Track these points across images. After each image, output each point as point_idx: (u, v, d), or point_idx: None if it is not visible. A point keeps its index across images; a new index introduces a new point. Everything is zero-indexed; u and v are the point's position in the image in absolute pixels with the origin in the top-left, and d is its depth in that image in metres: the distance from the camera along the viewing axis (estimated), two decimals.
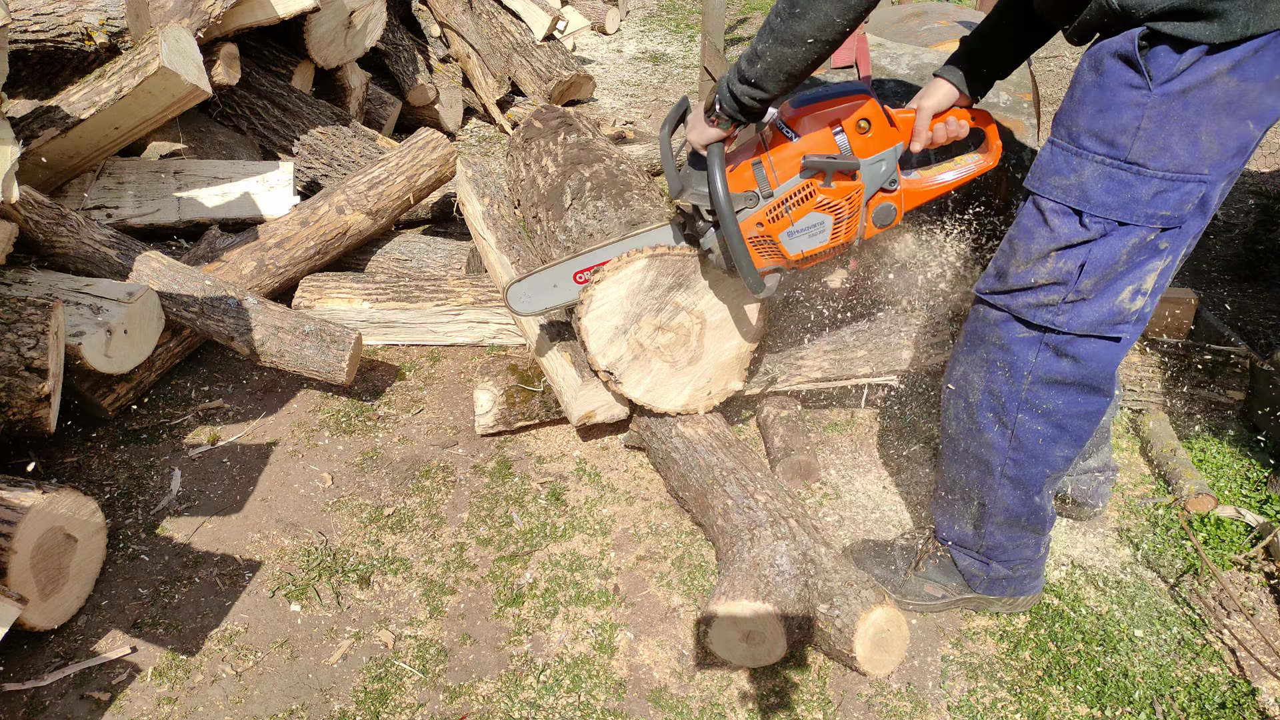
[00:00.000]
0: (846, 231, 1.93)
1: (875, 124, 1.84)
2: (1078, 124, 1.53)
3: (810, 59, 1.62)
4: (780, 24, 1.60)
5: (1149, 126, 1.45)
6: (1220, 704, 1.88)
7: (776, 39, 1.61)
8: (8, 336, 2.18)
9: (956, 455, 1.90)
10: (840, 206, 1.89)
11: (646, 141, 4.50)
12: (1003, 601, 2.05)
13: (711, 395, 2.34)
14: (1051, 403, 1.72)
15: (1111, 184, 1.50)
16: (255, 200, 3.16)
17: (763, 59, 1.65)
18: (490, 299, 2.95)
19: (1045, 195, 1.58)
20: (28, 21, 2.72)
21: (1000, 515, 1.89)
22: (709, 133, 1.82)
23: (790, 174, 1.85)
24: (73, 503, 2.01)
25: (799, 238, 1.91)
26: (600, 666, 1.98)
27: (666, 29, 6.81)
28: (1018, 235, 1.65)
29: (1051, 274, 1.60)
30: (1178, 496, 2.35)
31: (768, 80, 1.67)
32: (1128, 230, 1.53)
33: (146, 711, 1.86)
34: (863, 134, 1.84)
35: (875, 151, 1.86)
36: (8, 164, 2.15)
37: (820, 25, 1.57)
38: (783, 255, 1.94)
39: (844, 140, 1.83)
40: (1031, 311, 1.65)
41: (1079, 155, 1.53)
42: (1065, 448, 1.78)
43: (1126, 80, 1.45)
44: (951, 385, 1.86)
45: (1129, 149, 1.47)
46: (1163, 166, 1.47)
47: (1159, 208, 1.50)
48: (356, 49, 3.97)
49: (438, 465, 2.54)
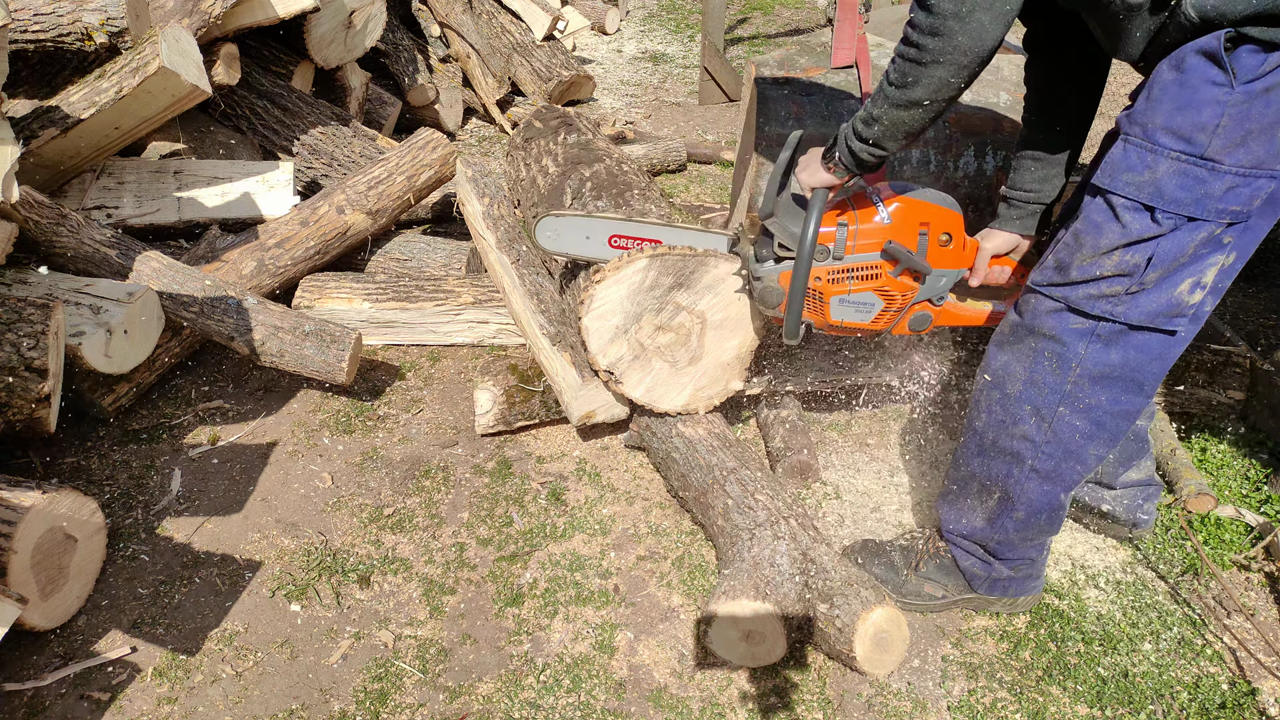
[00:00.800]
0: (885, 321, 2.03)
1: (955, 241, 1.95)
2: (1154, 121, 1.52)
3: (927, 119, 1.67)
4: (895, 93, 1.64)
5: (1228, 124, 1.45)
6: (1220, 704, 1.88)
7: (892, 105, 1.66)
8: (8, 336, 2.18)
9: (981, 447, 1.89)
10: (894, 298, 1.99)
11: (646, 141, 4.50)
12: (1003, 602, 2.05)
13: (712, 395, 2.34)
14: (1095, 398, 1.72)
15: (1186, 180, 1.50)
16: (255, 200, 3.16)
17: (879, 122, 1.70)
18: (490, 299, 2.95)
19: (1118, 191, 1.57)
20: (28, 21, 2.72)
21: (1022, 510, 1.88)
22: (821, 177, 1.86)
23: (868, 249, 1.93)
24: (73, 503, 2.01)
25: (847, 308, 2.00)
26: (600, 666, 1.98)
27: (666, 29, 6.81)
28: (1085, 230, 1.63)
29: (1118, 267, 1.60)
30: (1178, 496, 2.35)
31: (886, 140, 1.72)
32: (1197, 225, 1.53)
33: (146, 711, 1.86)
34: (942, 246, 1.95)
35: (945, 266, 1.98)
36: (8, 164, 2.15)
37: (935, 89, 1.60)
38: (823, 315, 2.01)
39: (924, 243, 1.93)
40: (1091, 302, 1.64)
41: (1154, 152, 1.52)
42: (1100, 446, 1.78)
43: (1210, 78, 1.45)
44: (989, 376, 1.84)
45: (1207, 146, 1.47)
46: (1237, 162, 1.47)
47: (1230, 203, 1.50)
48: (356, 49, 3.97)
49: (438, 465, 2.54)
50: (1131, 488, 2.20)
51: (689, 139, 4.81)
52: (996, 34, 1.52)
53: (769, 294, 2.01)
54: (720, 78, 5.32)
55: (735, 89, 5.34)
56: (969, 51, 1.54)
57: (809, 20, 6.97)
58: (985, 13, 1.50)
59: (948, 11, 1.50)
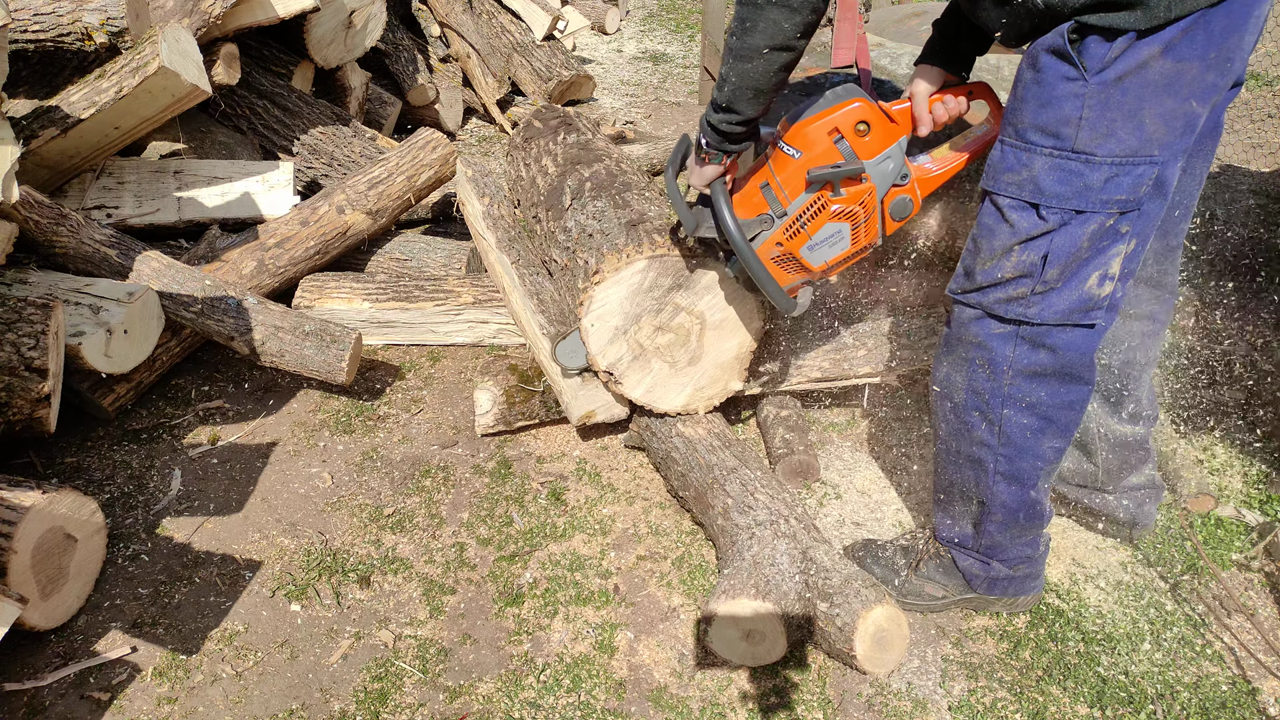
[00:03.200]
0: (866, 234, 1.94)
1: (874, 124, 1.83)
2: (1023, 120, 1.56)
3: (771, 71, 1.66)
4: (735, 41, 1.64)
5: (1090, 115, 1.48)
6: (1220, 704, 1.88)
7: (735, 57, 1.66)
8: (8, 336, 2.18)
9: (950, 456, 1.91)
10: (855, 212, 1.88)
11: (646, 141, 4.50)
12: (1003, 601, 2.05)
13: (712, 395, 2.34)
14: (1034, 395, 1.74)
15: (1062, 174, 1.53)
16: (255, 200, 3.16)
17: (728, 81, 1.69)
18: (490, 299, 2.95)
19: (1001, 192, 1.61)
20: (28, 21, 2.72)
21: (998, 513, 1.89)
22: (706, 172, 1.87)
23: (799, 190, 1.86)
24: (73, 503, 2.01)
25: (820, 249, 1.92)
26: (600, 666, 1.98)
27: (666, 29, 6.81)
28: (980, 234, 1.67)
29: (1017, 267, 1.63)
30: (1178, 496, 2.35)
31: (738, 101, 1.71)
32: (1085, 218, 1.55)
33: (146, 711, 1.86)
34: (862, 136, 1.83)
35: (879, 151, 1.84)
36: (8, 164, 2.15)
37: (770, 34, 1.61)
38: (807, 269, 1.95)
39: (846, 146, 1.82)
40: (1003, 306, 1.67)
41: (1028, 150, 1.55)
42: (1054, 439, 1.79)
43: (1063, 74, 1.48)
44: (936, 387, 1.87)
45: (1074, 139, 1.50)
46: (1110, 152, 1.50)
47: (1113, 193, 1.53)
48: (356, 49, 3.97)
49: (438, 465, 2.54)
50: (1133, 490, 2.20)
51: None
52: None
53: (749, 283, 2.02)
54: None
55: None
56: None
57: None
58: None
59: None
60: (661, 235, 2.22)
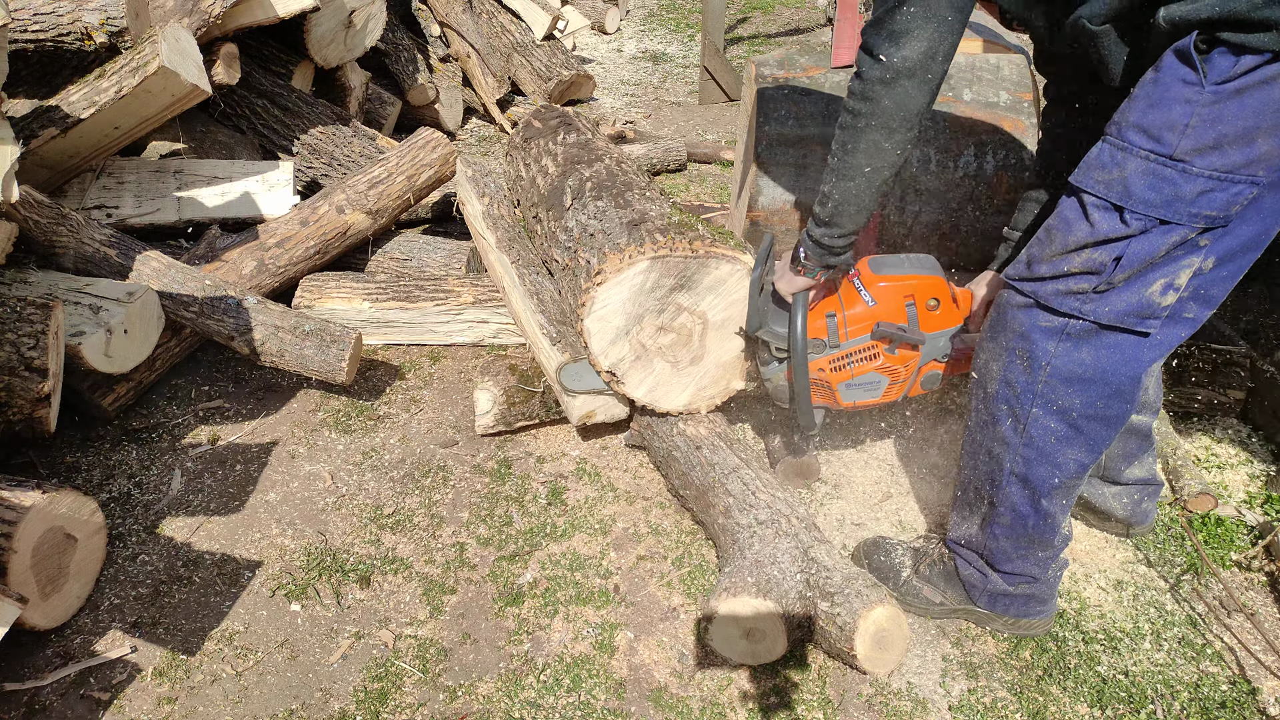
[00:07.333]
0: (896, 391, 2.09)
1: (943, 303, 1.98)
2: (1128, 119, 1.50)
3: (873, 187, 1.73)
4: (837, 162, 1.71)
5: (1198, 124, 1.42)
6: (1221, 704, 1.88)
7: (838, 176, 1.73)
8: (8, 336, 2.18)
9: (973, 449, 1.87)
10: (898, 371, 2.04)
11: (646, 141, 4.50)
12: (1003, 620, 2.00)
13: (714, 395, 2.34)
14: (1067, 400, 1.68)
15: (1154, 180, 1.47)
16: (255, 200, 3.16)
17: (831, 198, 1.76)
18: (490, 299, 2.95)
19: (1088, 189, 1.55)
20: (28, 21, 2.72)
21: (1007, 516, 1.85)
22: (797, 282, 1.94)
23: (860, 333, 1.99)
24: (73, 503, 2.01)
25: (855, 390, 2.07)
26: (600, 666, 1.98)
27: (666, 29, 6.81)
28: (1056, 225, 1.61)
29: (1086, 264, 1.57)
30: (1178, 496, 2.35)
31: (841, 217, 1.78)
32: (1169, 229, 1.50)
33: (146, 711, 1.86)
34: (930, 311, 1.98)
35: (939, 328, 2.01)
36: (8, 164, 2.15)
37: (871, 155, 1.67)
38: (835, 401, 2.09)
39: (913, 313, 1.97)
40: (1059, 299, 1.62)
41: (1124, 150, 1.50)
42: (1079, 451, 1.73)
43: (1181, 76, 1.43)
44: (974, 374, 1.83)
45: (1175, 145, 1.45)
46: (1209, 165, 1.44)
47: (1204, 207, 1.47)
48: (356, 49, 3.97)
49: (438, 465, 2.54)
50: (1133, 485, 2.19)
51: (689, 139, 4.81)
52: (921, 100, 1.61)
53: (779, 392, 2.11)
54: (720, 77, 5.32)
55: (735, 89, 5.34)
56: (895, 115, 1.62)
57: (809, 20, 6.97)
58: (909, 80, 1.58)
59: (875, 78, 1.60)
60: (663, 235, 2.22)
